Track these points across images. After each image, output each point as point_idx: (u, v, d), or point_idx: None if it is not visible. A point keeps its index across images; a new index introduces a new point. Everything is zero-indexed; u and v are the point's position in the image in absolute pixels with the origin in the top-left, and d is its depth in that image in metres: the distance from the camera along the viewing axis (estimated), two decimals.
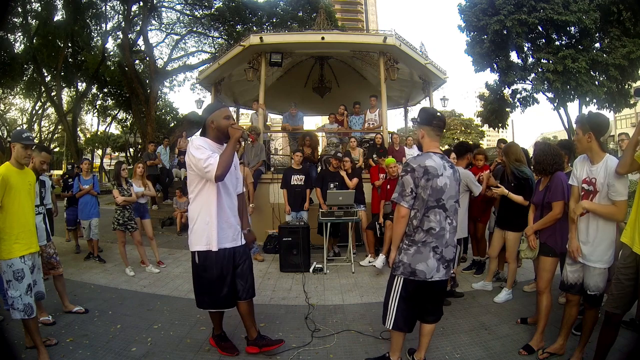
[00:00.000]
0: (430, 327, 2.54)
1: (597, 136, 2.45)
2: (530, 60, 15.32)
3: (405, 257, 2.35)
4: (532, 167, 3.42)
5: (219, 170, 2.40)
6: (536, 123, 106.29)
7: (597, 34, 14.39)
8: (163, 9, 18.01)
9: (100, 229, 5.80)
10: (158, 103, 19.60)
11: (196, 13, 17.76)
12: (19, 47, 16.41)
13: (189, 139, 17.38)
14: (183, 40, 19.15)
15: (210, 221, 2.56)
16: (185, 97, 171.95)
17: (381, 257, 4.90)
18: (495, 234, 4.05)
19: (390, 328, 2.44)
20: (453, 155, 4.71)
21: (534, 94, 15.62)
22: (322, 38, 7.62)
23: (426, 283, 2.33)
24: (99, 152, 31.88)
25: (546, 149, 2.92)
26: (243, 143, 5.86)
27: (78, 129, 24.68)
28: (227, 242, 2.62)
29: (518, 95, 16.30)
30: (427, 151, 2.40)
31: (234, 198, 2.76)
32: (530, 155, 4.15)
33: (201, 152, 2.46)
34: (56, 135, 29.89)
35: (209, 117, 2.62)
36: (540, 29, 14.64)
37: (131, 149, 26.15)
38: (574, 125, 2.75)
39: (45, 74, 18.48)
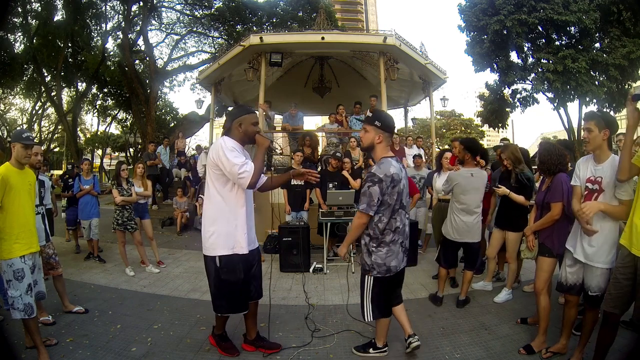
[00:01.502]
0: (400, 307, 2.80)
1: (612, 134, 2.40)
2: (530, 60, 15.29)
3: (378, 258, 2.53)
4: (534, 166, 3.41)
5: (254, 178, 2.41)
6: (536, 123, 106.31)
7: (597, 34, 14.36)
8: (163, 9, 18.00)
9: (100, 229, 5.80)
10: (158, 103, 19.57)
11: (196, 13, 17.73)
12: (19, 47, 16.40)
13: (187, 139, 17.41)
14: (183, 40, 19.14)
15: (238, 224, 2.54)
16: (185, 97, 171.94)
17: None
18: (495, 234, 4.05)
19: (372, 320, 2.67)
20: (449, 154, 4.66)
21: (534, 94, 15.59)
22: (322, 38, 7.62)
23: (396, 274, 2.61)
24: (99, 152, 31.86)
25: (551, 149, 2.92)
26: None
27: (78, 129, 24.65)
28: (249, 244, 2.62)
29: (518, 95, 16.27)
30: (383, 156, 2.53)
31: (252, 201, 2.74)
32: (531, 155, 4.12)
33: (235, 155, 2.42)
34: (56, 135, 29.83)
35: (236, 119, 2.58)
36: (540, 29, 14.61)
37: (131, 149, 26.11)
38: (582, 122, 2.71)
39: (45, 74, 18.44)
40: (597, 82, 13.87)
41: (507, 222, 3.87)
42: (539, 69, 14.31)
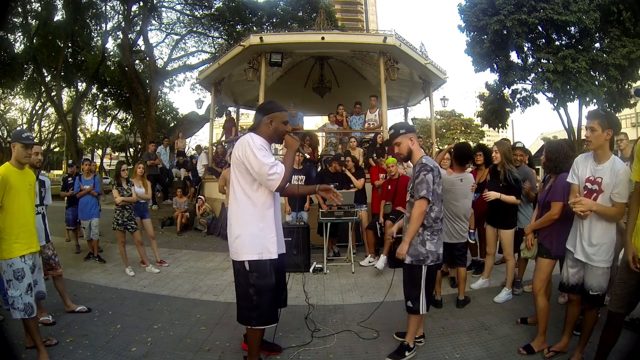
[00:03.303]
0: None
1: (615, 134, 2.40)
2: (530, 60, 15.29)
3: (433, 246, 2.64)
4: (538, 166, 3.43)
5: (284, 181, 2.29)
6: (536, 123, 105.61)
7: (597, 34, 14.36)
8: (163, 9, 18.00)
9: (100, 229, 5.80)
10: (158, 103, 19.58)
11: (196, 13, 17.73)
12: (19, 47, 16.40)
13: (187, 139, 17.34)
14: (183, 40, 19.14)
15: (264, 227, 2.38)
16: (185, 97, 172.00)
17: (382, 258, 4.90)
18: (488, 231, 4.08)
19: (424, 313, 2.70)
20: (447, 155, 4.67)
21: (534, 94, 15.59)
22: (322, 38, 7.61)
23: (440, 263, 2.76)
24: (99, 152, 31.86)
25: (559, 148, 2.93)
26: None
27: (78, 129, 24.66)
28: (279, 249, 2.50)
29: (518, 95, 16.27)
30: (423, 155, 2.73)
31: (279, 204, 2.64)
32: (533, 153, 4.12)
33: (264, 155, 2.29)
34: (56, 135, 29.81)
35: (267, 115, 2.47)
36: (540, 29, 14.61)
37: (131, 149, 26.12)
38: (585, 121, 2.67)
39: (45, 74, 18.44)
40: (597, 82, 13.88)
41: (497, 220, 3.92)
42: (539, 69, 14.31)
